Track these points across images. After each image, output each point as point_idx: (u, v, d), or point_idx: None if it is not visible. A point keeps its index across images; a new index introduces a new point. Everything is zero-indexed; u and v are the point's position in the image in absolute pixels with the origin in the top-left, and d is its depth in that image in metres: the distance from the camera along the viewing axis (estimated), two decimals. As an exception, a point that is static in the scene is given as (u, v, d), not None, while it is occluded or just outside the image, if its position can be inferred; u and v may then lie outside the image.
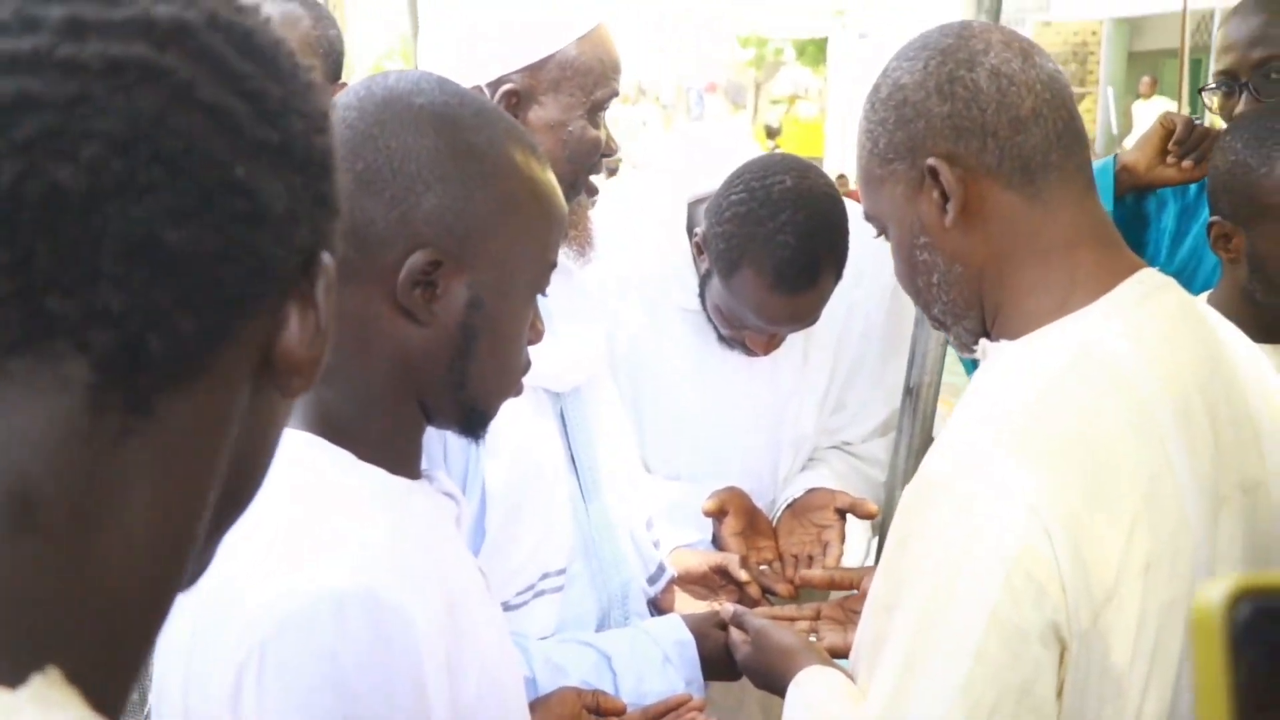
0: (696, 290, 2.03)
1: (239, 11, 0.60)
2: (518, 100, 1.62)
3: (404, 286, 1.06)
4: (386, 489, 1.07)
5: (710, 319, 2.04)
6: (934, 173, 1.19)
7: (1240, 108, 2.13)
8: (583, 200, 1.71)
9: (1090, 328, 1.17)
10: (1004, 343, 1.22)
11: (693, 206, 2.06)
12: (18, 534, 0.53)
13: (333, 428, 1.07)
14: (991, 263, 1.21)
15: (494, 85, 1.62)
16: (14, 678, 0.50)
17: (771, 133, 16.98)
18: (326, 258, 0.64)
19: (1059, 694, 1.08)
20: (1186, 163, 2.20)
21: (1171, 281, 1.25)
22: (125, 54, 0.55)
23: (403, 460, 1.12)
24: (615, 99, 1.72)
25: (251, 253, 0.58)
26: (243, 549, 0.98)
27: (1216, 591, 0.47)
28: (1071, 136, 1.21)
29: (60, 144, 0.53)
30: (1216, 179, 1.88)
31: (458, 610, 1.06)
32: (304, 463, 1.04)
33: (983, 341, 1.27)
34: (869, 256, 1.84)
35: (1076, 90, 12.87)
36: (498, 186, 1.09)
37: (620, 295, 2.06)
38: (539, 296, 1.18)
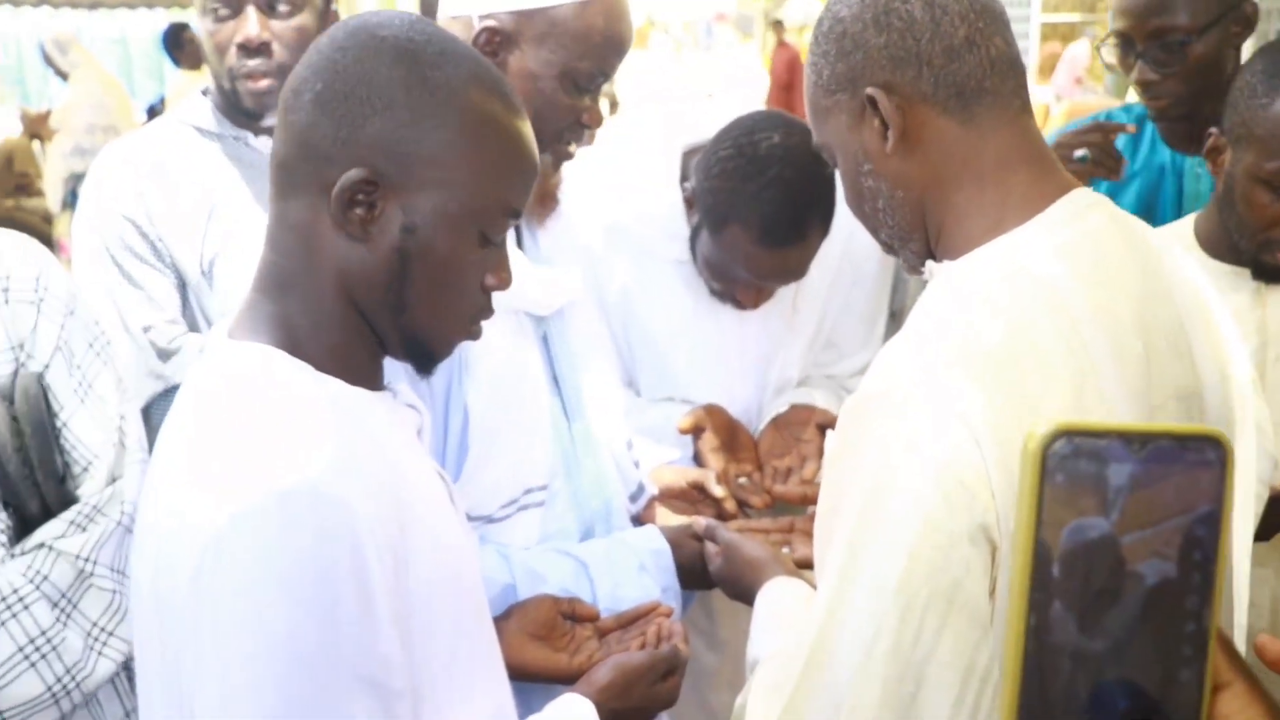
0: (687, 243, 2.08)
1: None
2: (499, 40, 1.62)
3: (336, 200, 1.13)
4: (341, 398, 1.15)
5: (701, 272, 2.09)
6: (873, 102, 1.25)
7: (1136, 71, 2.18)
8: (545, 160, 1.71)
9: (1022, 246, 1.22)
10: (946, 263, 1.28)
11: (686, 157, 2.09)
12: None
13: (294, 342, 1.17)
14: (931, 187, 1.27)
15: (483, 18, 1.63)
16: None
17: (781, 62, 16.85)
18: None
19: (992, 593, 1.14)
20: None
21: (1103, 199, 1.30)
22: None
23: (361, 373, 1.20)
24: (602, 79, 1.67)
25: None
26: (207, 449, 1.09)
27: (1041, 427, 0.62)
28: (1005, 63, 1.26)
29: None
30: (1232, 91, 1.92)
31: (407, 509, 1.14)
32: (266, 373, 1.14)
33: (929, 263, 1.32)
34: None
35: (1088, 16, 12.74)
36: (447, 121, 1.15)
37: (611, 246, 2.11)
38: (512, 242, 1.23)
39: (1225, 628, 1.39)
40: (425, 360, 1.25)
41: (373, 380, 1.23)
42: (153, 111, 8.85)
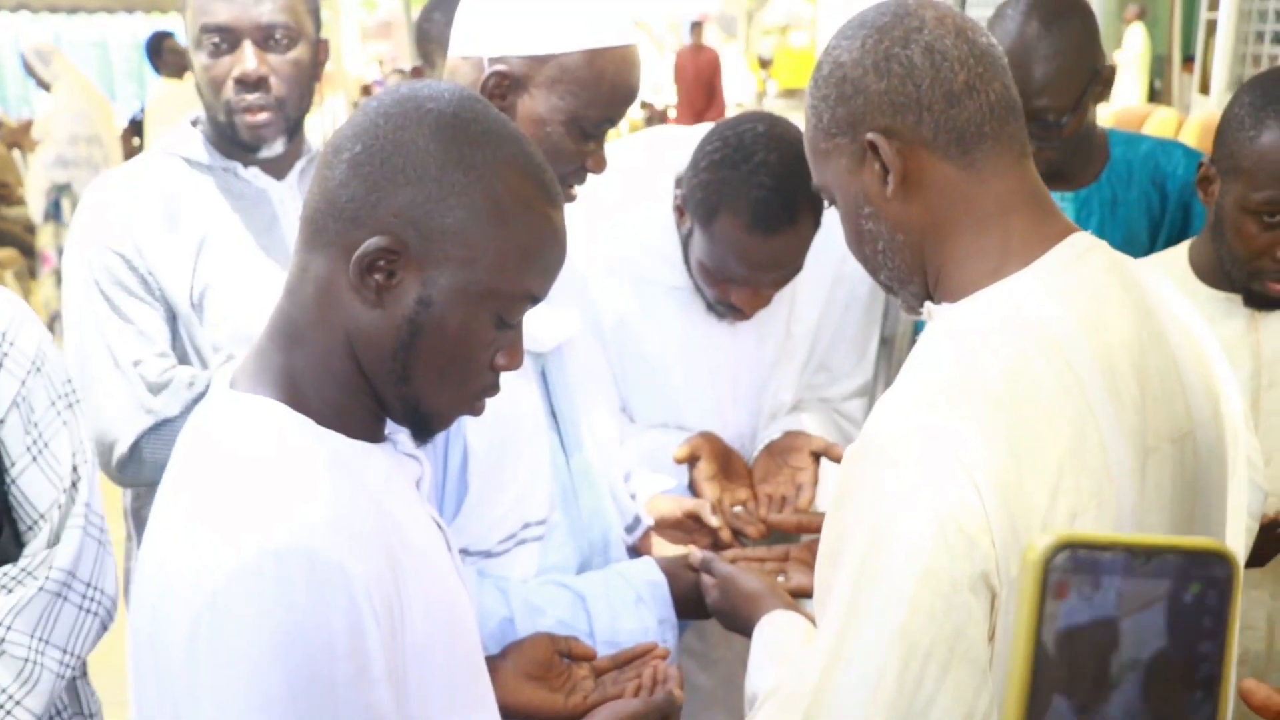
0: (681, 267, 2.08)
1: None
2: (509, 83, 1.62)
3: (356, 265, 1.13)
4: (339, 453, 1.16)
5: (697, 287, 2.09)
6: (874, 147, 1.26)
7: None
8: None
9: (1021, 291, 1.23)
10: (945, 305, 1.29)
11: (679, 182, 2.10)
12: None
13: (297, 395, 1.17)
14: (931, 230, 1.28)
15: (494, 60, 1.63)
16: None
17: (764, 63, 16.88)
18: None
19: (991, 638, 1.15)
20: None
21: (1101, 243, 1.31)
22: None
23: (361, 426, 1.20)
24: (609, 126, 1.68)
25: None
26: (205, 505, 1.09)
27: (1046, 539, 0.60)
28: (1005, 107, 1.27)
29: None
30: (1221, 122, 1.94)
31: (402, 564, 1.15)
32: (266, 429, 1.14)
33: (927, 304, 1.33)
34: None
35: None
36: (477, 200, 1.15)
37: (606, 274, 2.11)
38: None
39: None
40: (423, 429, 1.24)
41: (374, 432, 1.23)
42: (135, 123, 8.81)
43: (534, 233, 1.19)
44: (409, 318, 1.15)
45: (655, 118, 14.04)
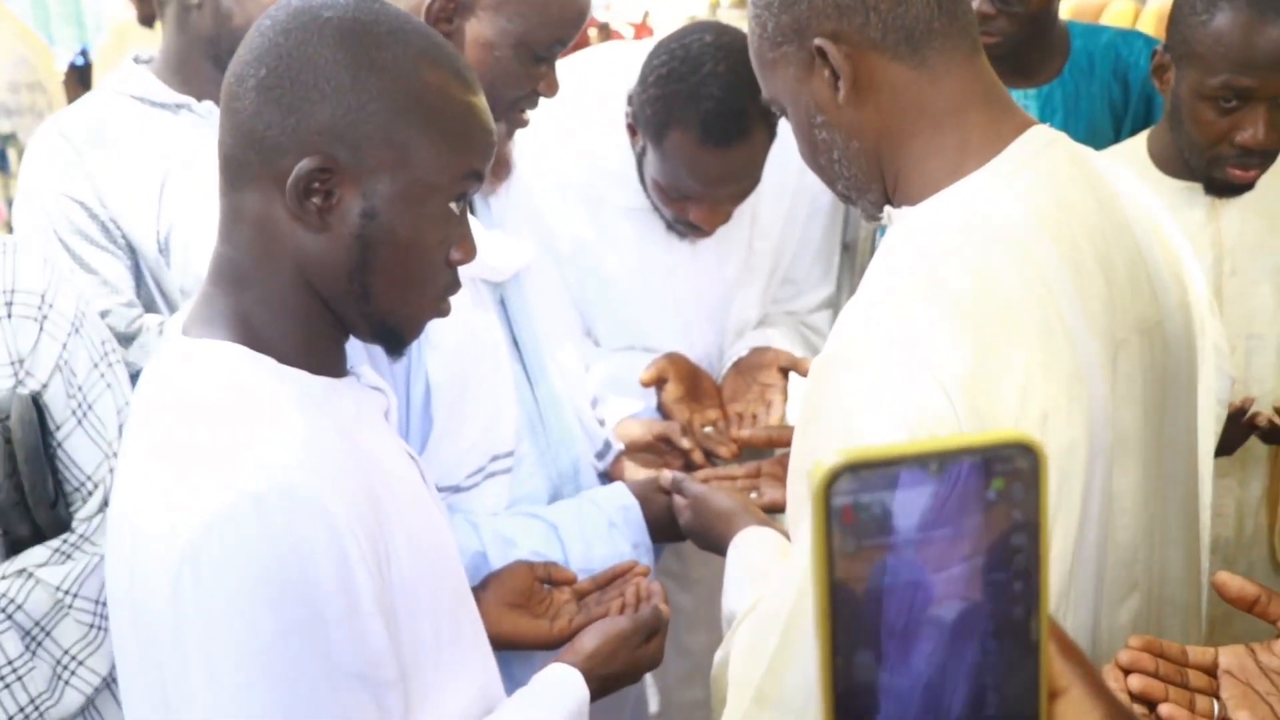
0: (639, 185, 2.04)
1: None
2: (455, 6, 1.58)
3: (292, 192, 1.10)
4: (306, 390, 1.13)
5: (655, 207, 2.05)
6: (822, 53, 1.22)
7: (976, 1, 2.16)
8: (500, 129, 1.67)
9: (981, 189, 1.20)
10: (905, 209, 1.27)
11: (630, 101, 2.06)
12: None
13: (254, 336, 1.14)
14: (886, 134, 1.25)
15: None
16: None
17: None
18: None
19: None
20: None
21: (1061, 135, 1.28)
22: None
23: (324, 361, 1.18)
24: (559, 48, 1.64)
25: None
26: (174, 454, 1.06)
27: (830, 459, 0.56)
28: (953, 2, 1.23)
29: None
30: (1173, 8, 1.91)
31: (381, 498, 1.12)
32: (228, 371, 1.11)
33: (887, 208, 1.31)
34: None
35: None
36: (399, 101, 1.11)
37: (563, 199, 2.07)
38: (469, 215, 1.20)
39: (1191, 542, 1.41)
40: (395, 343, 1.22)
41: (336, 367, 1.20)
42: (76, 69, 8.59)
43: (460, 120, 1.16)
44: (357, 234, 1.12)
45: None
